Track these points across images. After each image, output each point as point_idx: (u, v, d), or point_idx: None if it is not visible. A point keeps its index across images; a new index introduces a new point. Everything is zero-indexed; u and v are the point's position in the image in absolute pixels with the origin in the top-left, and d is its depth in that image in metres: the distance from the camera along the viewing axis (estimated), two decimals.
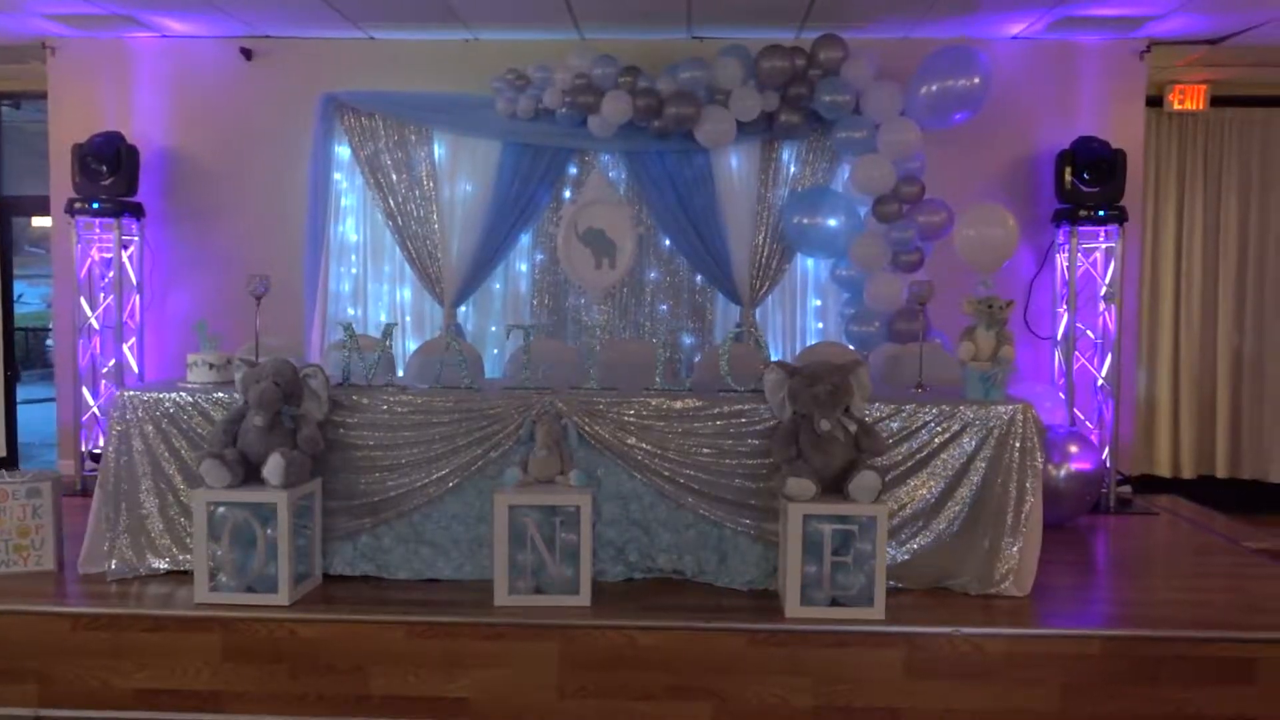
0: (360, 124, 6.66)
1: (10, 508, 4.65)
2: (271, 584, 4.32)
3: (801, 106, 6.25)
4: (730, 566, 4.66)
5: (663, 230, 6.67)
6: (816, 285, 6.78)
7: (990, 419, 4.58)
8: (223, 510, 4.34)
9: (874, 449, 4.40)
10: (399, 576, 4.70)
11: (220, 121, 6.90)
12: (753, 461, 4.62)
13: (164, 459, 4.70)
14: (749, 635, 4.15)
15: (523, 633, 4.18)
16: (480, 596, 4.47)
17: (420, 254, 6.64)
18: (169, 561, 4.69)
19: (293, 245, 6.84)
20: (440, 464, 4.64)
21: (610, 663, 4.15)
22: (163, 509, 4.70)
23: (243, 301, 6.80)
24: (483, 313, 6.81)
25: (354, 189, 6.80)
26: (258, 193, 6.89)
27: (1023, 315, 6.80)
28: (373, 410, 4.68)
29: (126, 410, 4.71)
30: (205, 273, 6.95)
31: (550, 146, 6.55)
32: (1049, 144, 6.73)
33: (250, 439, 4.43)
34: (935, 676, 4.12)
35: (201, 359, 4.87)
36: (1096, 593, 4.73)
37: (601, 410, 4.63)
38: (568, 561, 4.37)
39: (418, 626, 4.18)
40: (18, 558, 4.67)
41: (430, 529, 4.71)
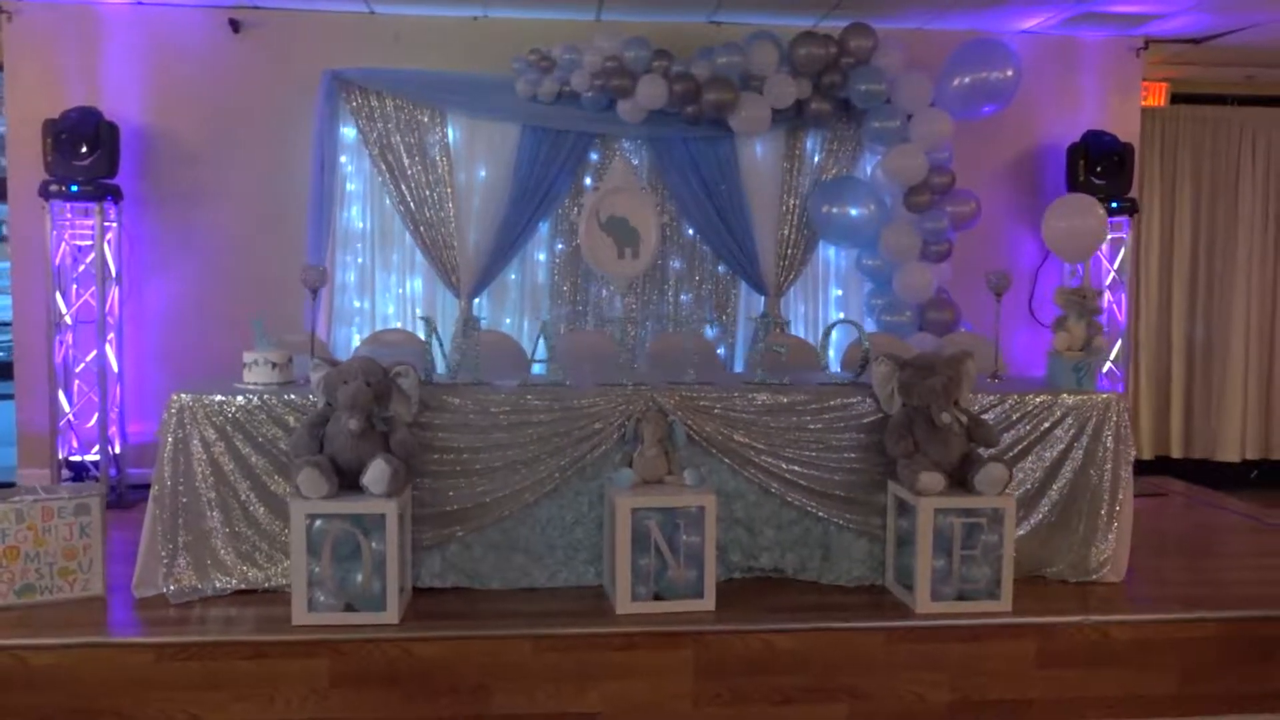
0: (369, 104, 6.24)
1: (56, 528, 4.15)
2: (376, 601, 3.99)
3: (833, 95, 6.19)
4: (835, 563, 4.57)
5: (686, 218, 6.51)
6: (838, 275, 6.75)
7: (1086, 408, 4.63)
8: (320, 523, 3.98)
9: (987, 440, 4.38)
10: (492, 587, 4.42)
11: (204, 98, 6.34)
12: (857, 455, 4.54)
13: (229, 468, 4.28)
14: (886, 633, 4.08)
15: (655, 641, 3.98)
16: (591, 604, 4.26)
17: (434, 242, 6.28)
18: (238, 580, 4.28)
19: (290, 233, 6.36)
20: (537, 466, 4.39)
21: (746, 668, 4.00)
22: (228, 523, 4.29)
23: (232, 294, 6.38)
24: (498, 304, 6.50)
25: (360, 173, 6.37)
26: (249, 176, 6.38)
27: (1027, 303, 6.95)
28: (463, 411, 4.38)
29: (183, 415, 4.27)
30: (188, 262, 6.40)
31: (572, 131, 6.28)
32: (1052, 137, 6.89)
33: (340, 444, 4.07)
34: (1064, 665, 4.14)
35: (263, 357, 4.45)
36: (1177, 574, 4.83)
37: (706, 406, 4.47)
38: (690, 564, 4.20)
39: (545, 639, 3.93)
40: (64, 583, 4.17)
41: (523, 535, 4.44)
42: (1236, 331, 8.08)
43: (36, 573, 4.12)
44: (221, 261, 6.38)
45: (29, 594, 4.12)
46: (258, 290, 6.37)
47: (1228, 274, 7.94)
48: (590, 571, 4.49)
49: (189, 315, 6.41)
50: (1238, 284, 7.99)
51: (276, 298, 6.35)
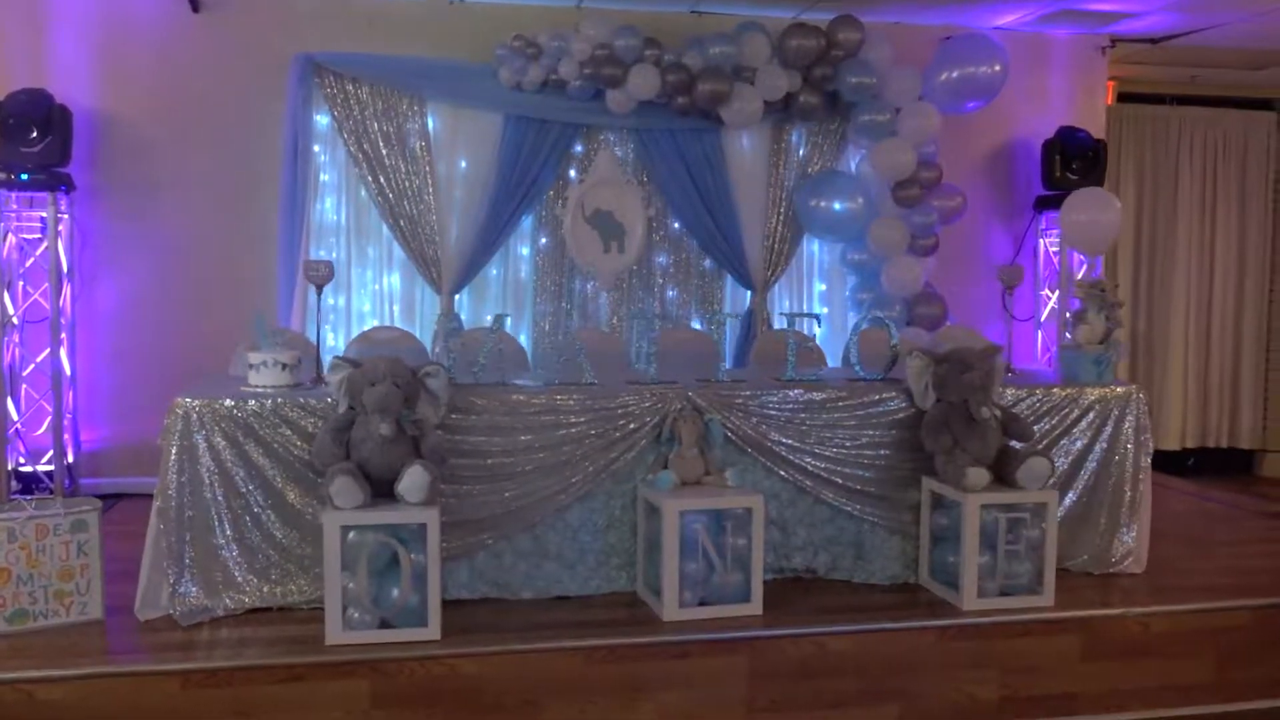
0: (344, 90, 5.91)
1: (51, 546, 3.78)
2: (414, 616, 3.74)
3: (822, 88, 6.13)
4: (868, 562, 4.49)
5: (673, 212, 6.36)
6: (821, 269, 6.70)
7: (1109, 400, 4.66)
8: (353, 535, 3.71)
9: (1022, 434, 4.36)
10: (523, 597, 4.21)
11: (161, 81, 5.93)
12: (889, 452, 4.46)
13: (239, 477, 3.96)
14: (938, 632, 4.02)
15: (709, 648, 3.84)
16: (633, 612, 4.09)
17: (414, 236, 6.00)
18: (251, 598, 3.97)
19: (258, 226, 6.01)
20: (571, 469, 4.19)
21: (799, 672, 3.89)
22: (240, 537, 3.97)
23: (194, 292, 5.99)
24: (478, 300, 6.24)
25: (335, 163, 6.04)
26: (212, 166, 5.99)
27: (1001, 297, 7.02)
28: (492, 412, 4.15)
29: (189, 421, 3.93)
30: (144, 258, 5.98)
31: (557, 122, 6.08)
32: (1024, 134, 6.98)
33: (368, 451, 3.80)
34: (1105, 658, 4.14)
35: (271, 358, 4.14)
36: (1194, 564, 4.88)
37: (742, 404, 4.34)
38: (735, 567, 4.06)
39: (598, 651, 3.75)
40: (59, 607, 3.80)
41: (554, 542, 4.24)
42: (1176, 325, 8.35)
43: (30, 597, 3.75)
44: (182, 257, 5.98)
45: (21, 620, 3.74)
46: (223, 288, 6.02)
47: (1168, 270, 8.20)
48: (623, 577, 4.32)
49: (144, 315, 5.99)
50: (1177, 280, 8.25)
51: (244, 295, 6.03)
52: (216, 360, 5.87)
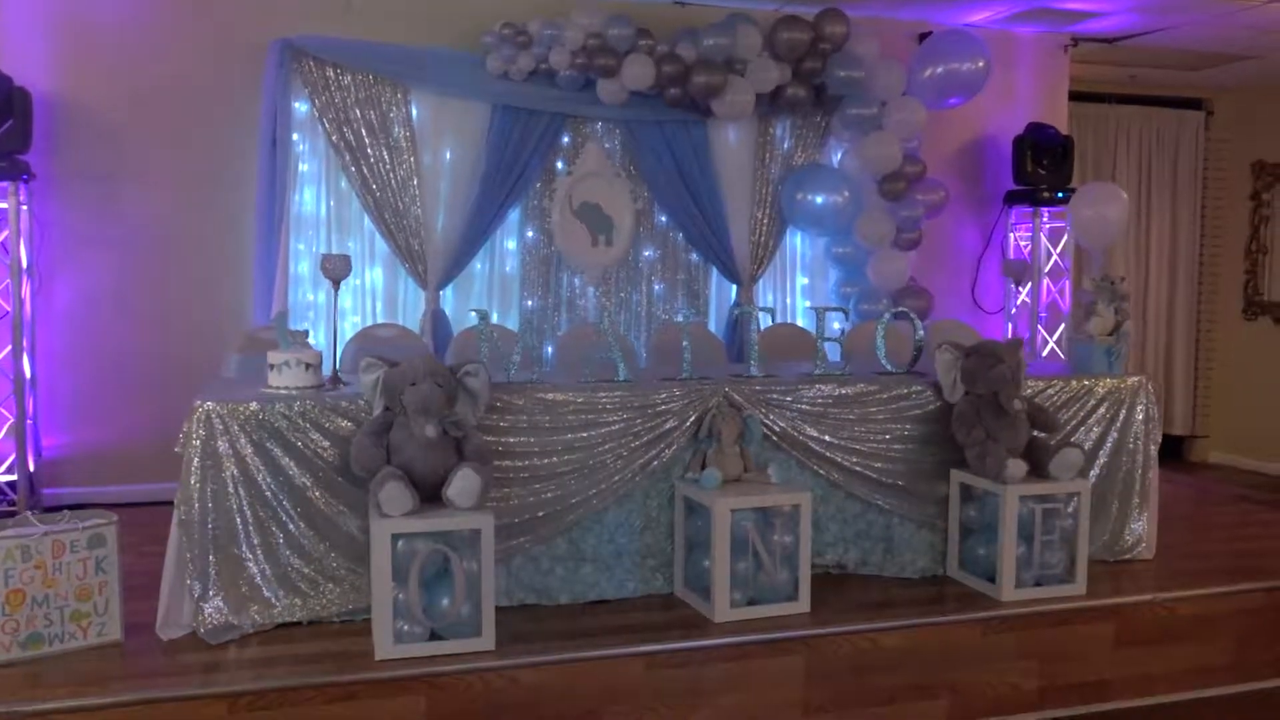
0: (324, 76, 5.64)
1: (68, 565, 3.50)
2: (466, 626, 3.57)
3: (811, 81, 6.11)
4: (898, 556, 4.49)
5: (660, 205, 6.26)
6: (804, 263, 6.69)
7: (1121, 391, 4.75)
8: (402, 543, 3.52)
9: (1050, 425, 4.41)
10: (560, 602, 4.08)
11: (128, 64, 5.56)
12: (917, 445, 4.47)
13: (266, 484, 3.73)
14: (983, 624, 4.04)
15: (766, 649, 3.77)
16: (680, 614, 4.00)
17: (399, 229, 5.76)
18: (281, 613, 3.74)
19: (233, 218, 5.71)
20: (609, 469, 4.07)
21: (853, 670, 3.86)
22: (268, 548, 3.73)
23: (162, 288, 5.65)
24: (463, 295, 6.03)
25: (315, 152, 5.75)
26: (184, 155, 5.65)
27: (970, 291, 7.14)
28: (529, 411, 4.00)
29: (211, 425, 3.68)
30: (106, 253, 5.60)
31: (545, 112, 5.91)
32: (993, 130, 7.10)
33: (410, 454, 3.62)
34: (1136, 644, 4.23)
35: (294, 358, 3.91)
36: (1200, 548, 5.01)
37: (777, 399, 4.28)
38: (784, 566, 4.00)
39: (658, 657, 3.65)
40: (76, 629, 3.52)
41: (591, 544, 4.12)
42: None
43: (45, 619, 3.46)
44: (149, 252, 5.63)
45: (36, 645, 3.45)
46: (194, 285, 5.71)
47: (1106, 262, 8.43)
48: (659, 579, 4.22)
49: (107, 313, 5.63)
50: (1114, 271, 8.50)
51: (217, 292, 5.75)
52: (190, 362, 5.60)
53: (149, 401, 5.62)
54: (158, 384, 5.61)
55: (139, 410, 5.63)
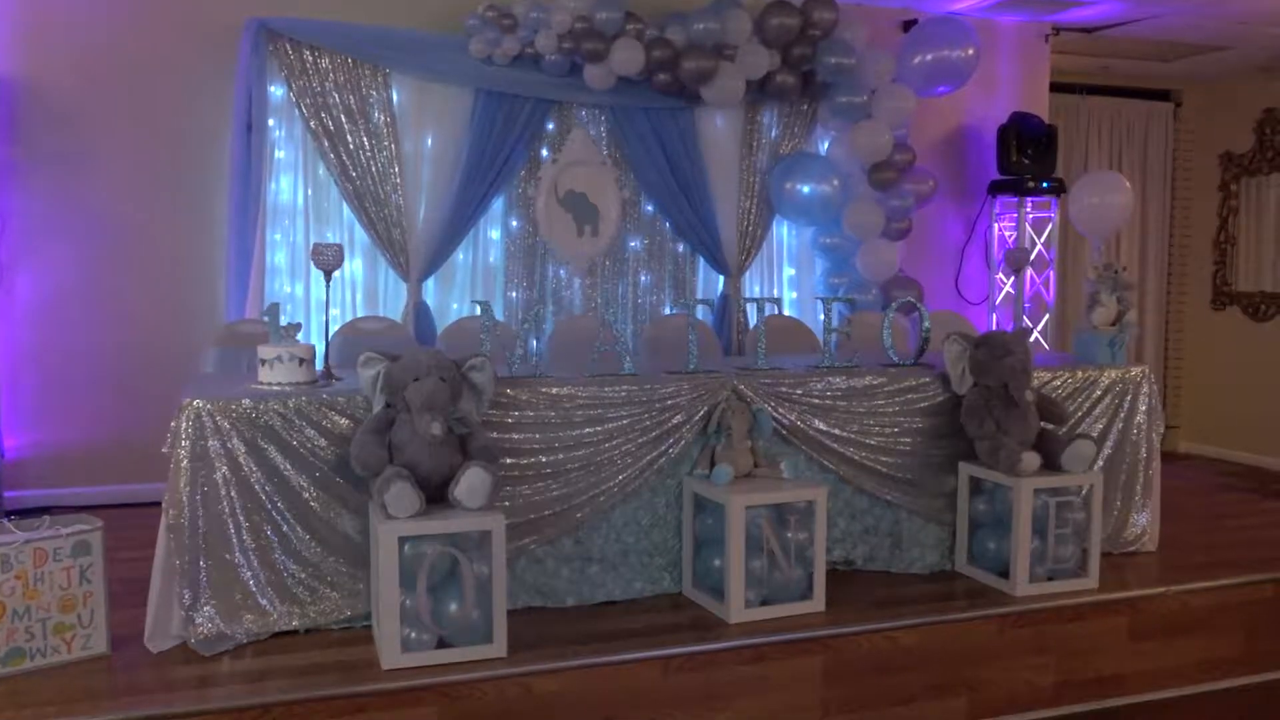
0: (301, 59, 5.41)
1: (50, 574, 3.28)
2: (476, 632, 3.41)
3: (800, 68, 6.00)
4: (905, 551, 4.40)
5: (647, 194, 6.11)
6: (791, 254, 6.57)
7: (1124, 382, 4.69)
8: (409, 546, 3.35)
9: (1059, 416, 4.34)
10: (567, 604, 3.93)
11: (93, 44, 5.27)
12: (926, 438, 4.38)
13: (260, 486, 3.53)
14: (1000, 620, 3.96)
15: (784, 650, 3.66)
16: (692, 615, 3.87)
17: (379, 219, 5.55)
18: (276, 621, 3.55)
19: (204, 208, 5.46)
20: (616, 466, 3.93)
21: (872, 669, 3.76)
22: (263, 554, 3.54)
23: (126, 281, 5.40)
24: (445, 287, 5.84)
25: (292, 139, 5.52)
26: (151, 141, 5.38)
27: (954, 281, 7.08)
28: (535, 406, 3.84)
29: (202, 424, 3.47)
30: (68, 244, 5.31)
31: (530, 98, 5.73)
32: (974, 119, 7.05)
33: (415, 452, 3.45)
34: (1150, 637, 4.18)
35: (287, 352, 3.71)
36: (1200, 539, 4.98)
37: (787, 392, 4.16)
38: (798, 564, 3.89)
39: (675, 660, 3.52)
40: (60, 643, 3.30)
41: (598, 544, 3.98)
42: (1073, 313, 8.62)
43: (27, 633, 3.24)
44: (115, 243, 5.36)
45: (17, 660, 3.23)
46: (163, 277, 5.46)
47: (1077, 251, 8.46)
48: (666, 578, 4.09)
49: (70, 308, 5.35)
50: (1079, 272, 8.50)
51: (188, 285, 5.52)
52: (160, 357, 5.37)
53: (117, 399, 5.37)
54: (126, 381, 5.37)
55: (106, 409, 5.38)
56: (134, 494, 5.27)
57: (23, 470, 5.29)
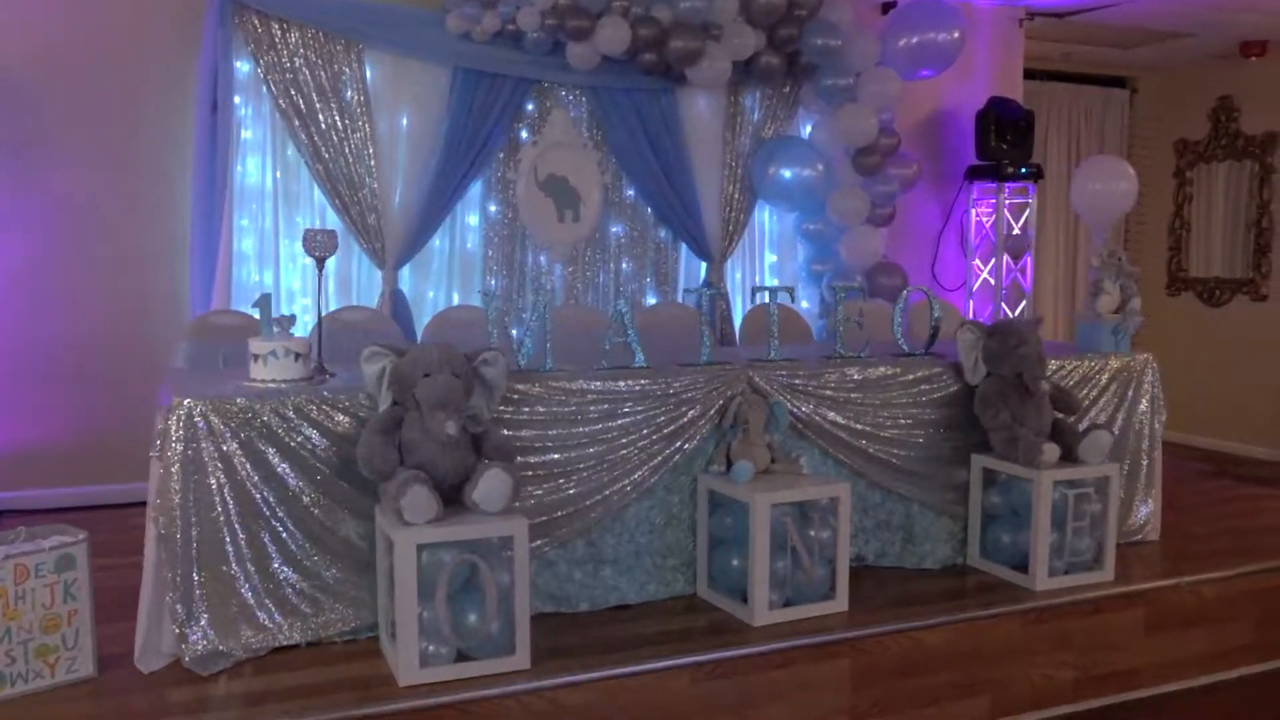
0: (270, 34, 5.09)
1: (33, 591, 3.00)
2: (497, 644, 3.21)
3: (785, 49, 5.84)
4: (918, 546, 4.29)
5: (629, 177, 5.91)
6: (773, 240, 6.43)
7: (1128, 369, 4.65)
8: (426, 554, 3.13)
9: (1071, 406, 4.28)
10: (580, 609, 3.74)
11: (42, 18, 4.89)
12: (938, 430, 4.27)
13: (257, 491, 3.28)
14: (1022, 616, 3.87)
15: (813, 653, 3.52)
16: (713, 618, 3.71)
17: (353, 203, 5.27)
18: (276, 635, 3.30)
19: (166, 191, 5.14)
20: (631, 463, 3.74)
21: (898, 671, 3.65)
22: (261, 563, 3.29)
23: (81, 271, 5.05)
24: (421, 276, 5.58)
25: (260, 118, 5.20)
26: (109, 121, 5.03)
27: (930, 267, 7.01)
28: (546, 401, 3.64)
29: (193, 425, 3.21)
30: (22, 233, 4.95)
31: (511, 77, 5.49)
32: (950, 103, 6.98)
33: (427, 453, 3.23)
34: (1165, 629, 4.13)
35: (282, 347, 3.45)
36: (1197, 528, 4.97)
37: (801, 385, 4.02)
38: (821, 563, 3.75)
39: (704, 667, 3.36)
40: (42, 666, 3.03)
41: (610, 545, 3.79)
42: (1045, 287, 8.63)
43: (7, 656, 2.96)
44: (72, 231, 5.02)
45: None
46: (122, 265, 5.14)
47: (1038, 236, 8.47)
48: (680, 579, 3.92)
49: (25, 300, 5.01)
50: (1046, 244, 8.53)
51: (152, 273, 5.20)
52: (120, 352, 5.05)
53: (75, 396, 5.04)
54: (84, 377, 5.03)
55: (63, 406, 5.04)
56: (96, 496, 4.96)
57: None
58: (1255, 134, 8.37)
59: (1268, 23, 7.38)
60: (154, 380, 5.08)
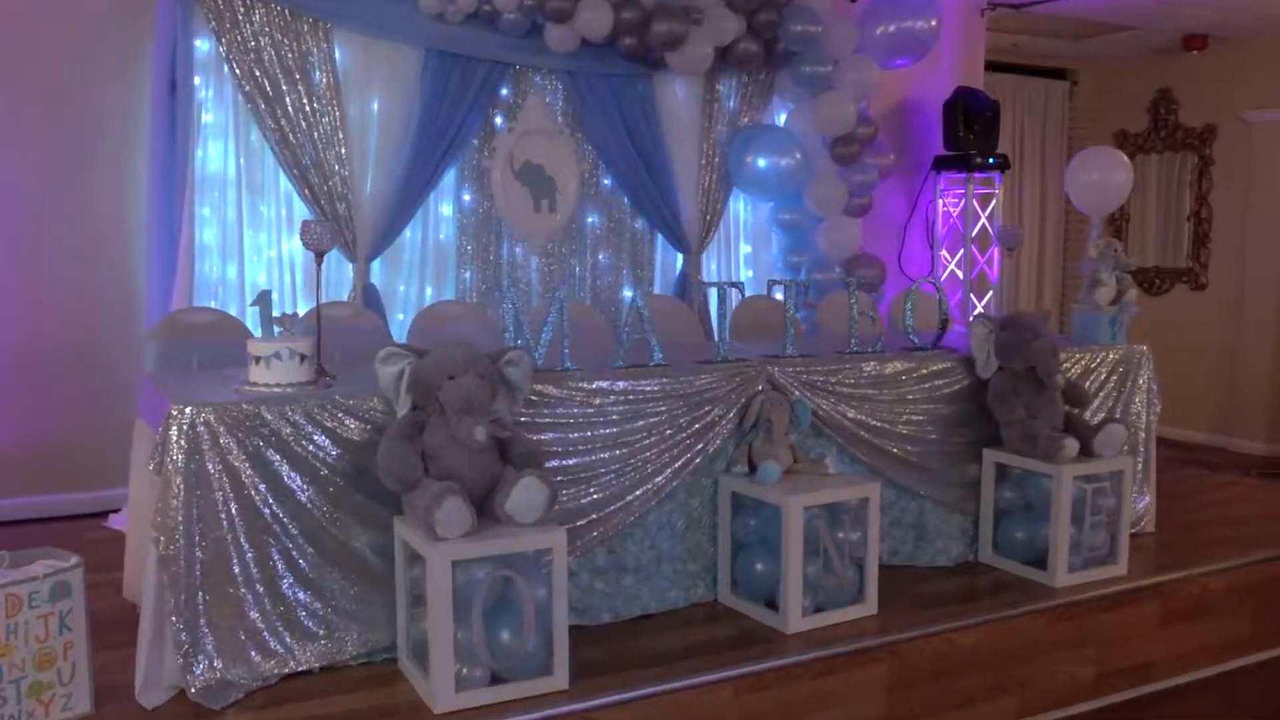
0: (232, 10, 4.74)
1: (26, 625, 2.69)
2: (533, 664, 3.01)
3: (764, 35, 5.70)
4: (929, 544, 4.21)
5: (606, 165, 5.70)
6: (748, 231, 6.29)
7: (1125, 360, 4.63)
8: (459, 571, 2.91)
9: (1082, 399, 4.23)
10: (603, 621, 3.55)
11: None
12: (950, 425, 4.19)
13: (267, 506, 3.01)
14: (1048, 614, 3.81)
15: (853, 660, 3.40)
16: (741, 626, 3.57)
17: (322, 191, 4.96)
18: (289, 661, 3.05)
19: (118, 180, 4.77)
20: (653, 465, 3.57)
21: (933, 674, 3.55)
22: (270, 584, 3.03)
23: (27, 265, 4.65)
24: (392, 269, 5.29)
25: (222, 101, 4.86)
26: (56, 105, 4.64)
27: (896, 259, 6.96)
28: (566, 403, 3.44)
29: (196, 435, 2.93)
30: None
31: (486, 60, 5.24)
32: (916, 93, 6.93)
33: (454, 461, 3.01)
34: (1176, 622, 4.13)
35: (286, 348, 3.18)
36: (1188, 518, 4.97)
37: (820, 381, 3.89)
38: (851, 566, 3.63)
39: (746, 679, 3.21)
40: (36, 706, 2.72)
41: (632, 552, 3.62)
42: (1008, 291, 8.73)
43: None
44: (18, 222, 4.64)
45: None
46: (75, 258, 4.76)
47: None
48: (700, 585, 3.76)
49: None
50: None
51: (106, 267, 4.84)
52: (72, 352, 4.69)
53: (19, 399, 4.64)
54: (30, 378, 4.66)
55: (15, 409, 4.64)
56: (46, 507, 4.60)
57: None
58: (1195, 126, 8.55)
59: (1211, 17, 7.54)
60: (108, 382, 4.77)
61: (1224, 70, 8.17)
